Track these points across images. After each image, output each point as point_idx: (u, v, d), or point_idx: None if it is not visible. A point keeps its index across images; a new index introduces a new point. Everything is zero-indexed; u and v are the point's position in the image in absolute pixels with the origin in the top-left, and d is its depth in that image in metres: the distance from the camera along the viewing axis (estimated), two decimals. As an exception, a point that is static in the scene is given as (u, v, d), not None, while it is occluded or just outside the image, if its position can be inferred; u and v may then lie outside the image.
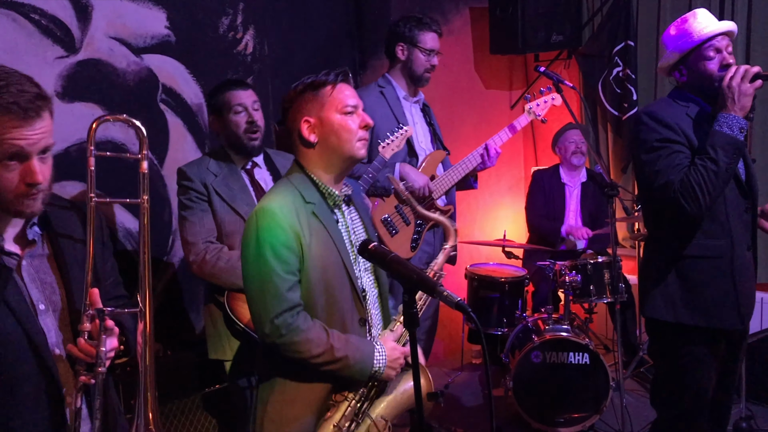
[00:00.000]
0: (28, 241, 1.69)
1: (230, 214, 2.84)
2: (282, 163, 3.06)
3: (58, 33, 3.15)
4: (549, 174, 4.87)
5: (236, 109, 2.88)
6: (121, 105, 3.35)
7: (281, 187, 2.07)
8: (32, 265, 1.69)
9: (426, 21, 3.45)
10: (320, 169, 2.08)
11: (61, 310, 1.70)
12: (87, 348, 1.60)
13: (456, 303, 1.64)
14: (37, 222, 1.71)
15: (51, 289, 1.70)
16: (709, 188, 2.47)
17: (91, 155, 1.66)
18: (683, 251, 2.62)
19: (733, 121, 2.48)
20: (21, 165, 1.58)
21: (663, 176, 2.53)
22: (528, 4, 4.82)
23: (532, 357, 3.82)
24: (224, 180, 2.87)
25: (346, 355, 2.00)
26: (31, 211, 1.63)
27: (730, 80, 2.48)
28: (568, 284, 4.02)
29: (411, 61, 3.47)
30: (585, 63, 5.15)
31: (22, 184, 1.58)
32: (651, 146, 2.57)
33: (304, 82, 2.06)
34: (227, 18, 3.82)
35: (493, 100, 5.44)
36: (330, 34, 4.47)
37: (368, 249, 1.75)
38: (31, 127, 1.56)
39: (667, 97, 2.72)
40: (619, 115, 4.95)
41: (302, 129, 2.05)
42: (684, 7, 4.58)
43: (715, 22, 2.59)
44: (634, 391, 4.32)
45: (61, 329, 1.69)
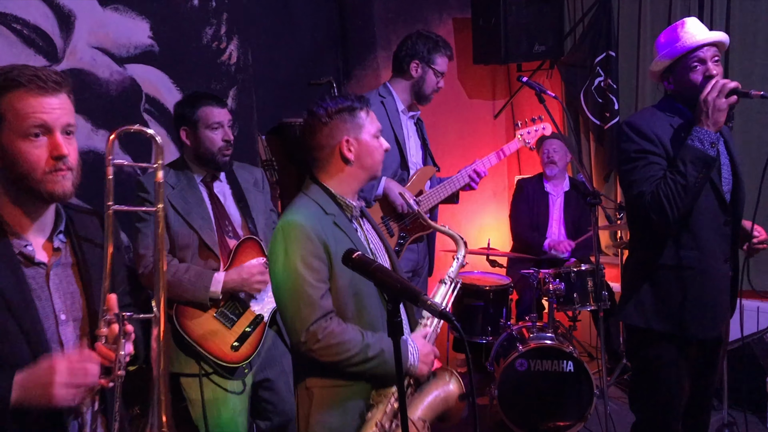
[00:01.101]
0: (54, 249, 1.72)
1: (184, 227, 2.79)
2: (244, 176, 3.03)
3: (41, 43, 3.14)
4: (533, 183, 4.90)
5: (213, 125, 2.86)
6: (104, 115, 3.33)
7: (300, 202, 2.17)
8: (57, 275, 1.71)
9: (441, 44, 3.51)
10: (345, 184, 2.20)
11: (81, 319, 1.72)
12: (106, 352, 1.61)
13: (440, 312, 1.64)
14: (63, 229, 1.74)
15: (72, 298, 1.72)
16: (677, 202, 2.51)
17: (109, 165, 1.70)
18: (656, 260, 2.67)
19: (705, 135, 2.51)
20: (47, 140, 1.62)
21: (636, 187, 2.59)
22: (510, 15, 4.86)
23: (517, 365, 3.83)
24: (181, 192, 2.83)
25: (382, 350, 2.06)
26: (63, 191, 1.64)
27: (707, 95, 2.51)
28: (552, 292, 4.05)
29: (423, 81, 3.50)
30: (567, 73, 5.20)
31: (50, 159, 1.62)
32: (629, 157, 2.62)
33: (343, 104, 2.18)
34: (211, 28, 3.82)
35: (477, 110, 5.48)
36: (314, 44, 4.48)
37: (352, 258, 1.76)
38: (51, 100, 1.62)
39: (653, 107, 2.75)
40: (600, 124, 5.00)
41: (343, 147, 2.16)
42: (664, 18, 4.65)
43: (703, 32, 2.61)
44: (618, 398, 4.34)
45: (80, 339, 1.71)
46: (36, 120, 1.61)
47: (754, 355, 4.00)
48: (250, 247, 2.89)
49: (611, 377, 4.49)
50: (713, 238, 2.64)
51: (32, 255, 1.67)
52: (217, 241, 2.84)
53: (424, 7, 5.06)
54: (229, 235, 2.89)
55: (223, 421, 2.85)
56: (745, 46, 4.38)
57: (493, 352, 4.12)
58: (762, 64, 4.38)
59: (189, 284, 2.74)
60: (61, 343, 1.67)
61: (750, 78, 4.38)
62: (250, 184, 3.03)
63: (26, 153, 1.61)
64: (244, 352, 2.82)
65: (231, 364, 2.80)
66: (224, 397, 2.84)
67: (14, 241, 1.66)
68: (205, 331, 2.78)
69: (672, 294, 2.65)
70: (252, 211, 2.97)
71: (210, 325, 2.79)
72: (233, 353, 2.80)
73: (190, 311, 2.78)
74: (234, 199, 2.96)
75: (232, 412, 2.87)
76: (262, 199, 3.05)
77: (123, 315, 1.63)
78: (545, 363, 3.82)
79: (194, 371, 2.82)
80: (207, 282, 2.75)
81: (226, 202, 2.94)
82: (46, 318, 1.65)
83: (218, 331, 2.80)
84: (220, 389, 2.84)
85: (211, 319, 2.80)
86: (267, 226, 3.01)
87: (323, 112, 2.17)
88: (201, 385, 2.82)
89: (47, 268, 1.69)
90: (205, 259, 2.82)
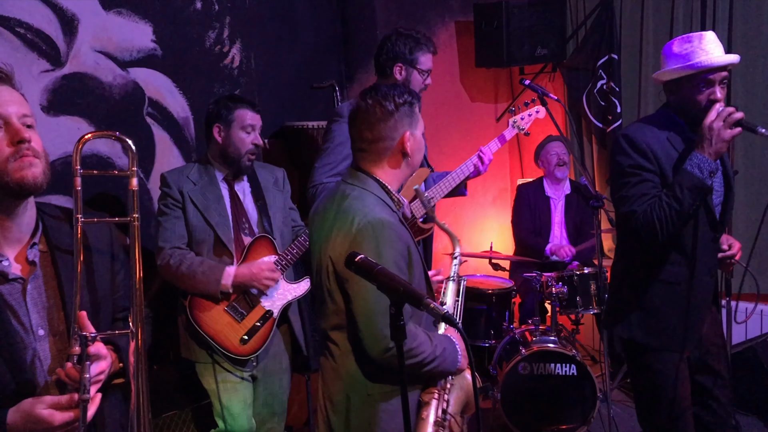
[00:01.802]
0: (29, 263, 1.63)
1: (202, 223, 2.91)
2: (263, 175, 3.12)
3: (44, 47, 3.14)
4: (533, 187, 4.89)
5: (248, 128, 2.96)
6: (107, 119, 3.34)
7: (371, 199, 2.06)
8: (36, 288, 1.63)
9: (423, 41, 3.38)
10: (396, 179, 2.14)
11: (60, 333, 1.64)
12: (72, 373, 1.52)
13: (443, 315, 1.63)
14: (38, 240, 1.65)
15: (50, 312, 1.64)
16: (669, 226, 2.51)
17: (77, 175, 1.56)
18: (644, 274, 2.68)
19: (705, 163, 2.48)
20: (3, 132, 1.55)
21: (628, 204, 2.57)
22: (513, 18, 4.86)
23: (520, 369, 3.82)
24: (202, 189, 2.93)
25: (445, 349, 2.07)
26: (33, 177, 1.55)
27: (712, 122, 2.46)
28: (555, 296, 4.04)
29: (408, 82, 3.39)
30: (569, 76, 5.20)
31: (10, 146, 1.54)
32: (623, 171, 2.60)
33: (409, 95, 2.09)
34: (214, 32, 3.82)
35: (479, 113, 5.47)
36: (317, 48, 4.49)
37: (355, 261, 1.75)
38: (2, 91, 1.56)
39: (651, 119, 2.71)
40: (603, 127, 4.99)
41: (406, 141, 2.09)
42: (666, 21, 4.64)
43: (718, 51, 2.53)
44: (622, 401, 4.33)
45: (60, 353, 1.63)
46: None
47: (759, 358, 3.99)
48: (263, 244, 2.98)
49: (614, 381, 4.48)
50: (701, 254, 2.65)
51: (7, 271, 1.59)
52: (232, 238, 2.94)
53: (427, 11, 5.06)
54: (245, 232, 2.99)
55: (235, 412, 2.96)
56: (748, 51, 4.37)
57: (496, 356, 4.11)
58: (763, 69, 4.37)
59: (202, 276, 2.84)
60: (40, 359, 1.60)
61: (753, 81, 4.37)
62: (270, 183, 3.12)
63: None
64: (252, 346, 2.93)
65: (239, 356, 2.92)
66: (235, 388, 2.96)
67: None
68: (216, 323, 2.90)
69: (657, 308, 2.65)
70: (270, 209, 3.05)
71: (221, 318, 2.91)
72: (242, 346, 2.91)
73: (203, 303, 2.90)
74: (252, 198, 3.05)
75: (243, 403, 2.99)
76: (281, 197, 3.14)
77: (87, 336, 1.51)
78: (548, 366, 3.81)
79: (207, 360, 2.95)
80: (218, 275, 2.85)
81: (245, 200, 3.03)
82: (24, 335, 1.58)
83: (228, 324, 2.91)
84: (231, 378, 2.95)
85: (222, 312, 2.91)
86: (285, 224, 3.10)
87: (390, 102, 2.07)
88: (215, 374, 2.94)
89: (24, 283, 1.61)
90: (220, 255, 2.93)
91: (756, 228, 4.34)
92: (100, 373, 1.57)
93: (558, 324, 4.09)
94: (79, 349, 1.53)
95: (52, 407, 1.50)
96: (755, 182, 4.40)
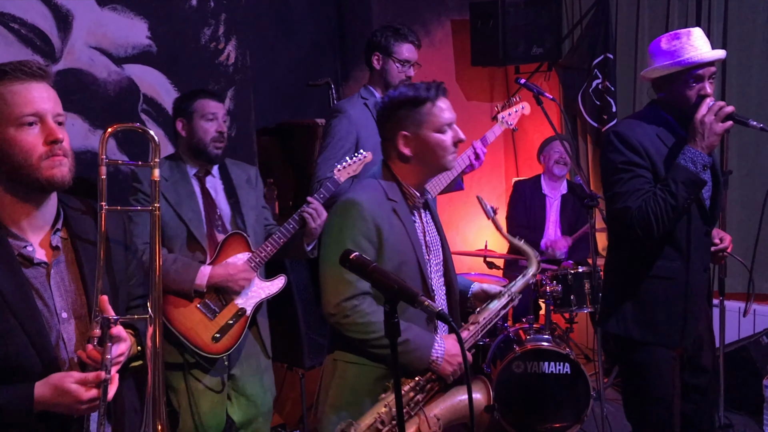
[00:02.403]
0: (53, 248, 1.71)
1: (174, 219, 2.87)
2: (236, 173, 3.08)
3: (38, 42, 3.13)
4: (530, 185, 4.90)
5: (208, 116, 2.94)
6: (102, 115, 3.32)
7: (366, 183, 2.21)
8: (59, 273, 1.71)
9: (403, 32, 3.40)
10: (409, 176, 2.19)
11: (81, 317, 1.72)
12: (94, 354, 1.61)
13: (437, 313, 1.65)
14: (60, 227, 1.73)
15: (74, 296, 1.72)
16: (664, 220, 2.51)
17: (102, 164, 1.68)
18: (639, 270, 2.68)
19: (698, 157, 2.49)
20: (39, 128, 1.62)
21: (622, 200, 2.57)
22: (509, 17, 4.87)
23: (514, 367, 3.83)
24: (173, 185, 2.91)
25: (407, 339, 2.08)
26: (61, 176, 1.64)
27: (703, 116, 2.48)
28: (549, 294, 4.05)
29: (386, 72, 3.40)
30: (565, 75, 5.21)
31: (44, 145, 1.62)
32: (615, 168, 2.60)
33: (405, 96, 2.13)
34: (209, 28, 3.81)
35: (474, 112, 5.48)
36: (312, 45, 4.48)
37: (349, 259, 1.76)
38: (40, 88, 1.64)
39: (639, 116, 2.72)
40: (598, 126, 5.00)
41: (398, 143, 2.14)
42: (662, 21, 4.65)
43: (706, 47, 2.56)
44: (615, 400, 4.34)
45: (83, 335, 1.70)
46: (29, 108, 1.61)
47: (751, 357, 4.01)
48: (236, 241, 2.95)
49: (608, 379, 4.50)
50: (695, 248, 2.66)
51: (32, 256, 1.66)
52: (205, 234, 2.91)
53: (423, 9, 5.07)
54: (218, 229, 2.96)
55: (202, 411, 2.92)
56: (743, 50, 4.39)
57: (490, 354, 4.12)
58: (759, 69, 4.38)
59: (175, 275, 2.80)
60: (65, 342, 1.68)
61: (747, 80, 4.38)
62: (243, 181, 3.09)
63: (21, 141, 1.61)
64: (224, 344, 2.88)
65: (211, 354, 2.86)
66: (203, 389, 2.92)
67: (13, 243, 1.65)
68: (187, 320, 2.85)
69: (654, 304, 2.66)
70: (242, 207, 3.02)
71: (193, 316, 2.86)
72: (214, 344, 2.86)
73: (174, 301, 2.84)
74: (225, 195, 3.03)
75: (210, 404, 2.94)
76: (254, 195, 3.11)
77: (109, 318, 1.62)
78: (542, 365, 3.82)
79: (177, 361, 2.88)
80: (193, 275, 2.81)
81: (217, 197, 3.00)
82: (49, 317, 1.66)
83: (200, 322, 2.86)
84: (199, 381, 2.91)
85: (194, 309, 2.87)
86: (258, 223, 3.07)
87: (389, 102, 2.16)
88: (184, 376, 2.88)
89: (48, 267, 1.69)
90: (193, 251, 2.89)
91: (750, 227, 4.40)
92: (120, 355, 1.65)
93: (552, 322, 4.11)
94: (100, 332, 1.62)
95: (80, 383, 1.58)
96: (749, 182, 4.42)
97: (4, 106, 1.60)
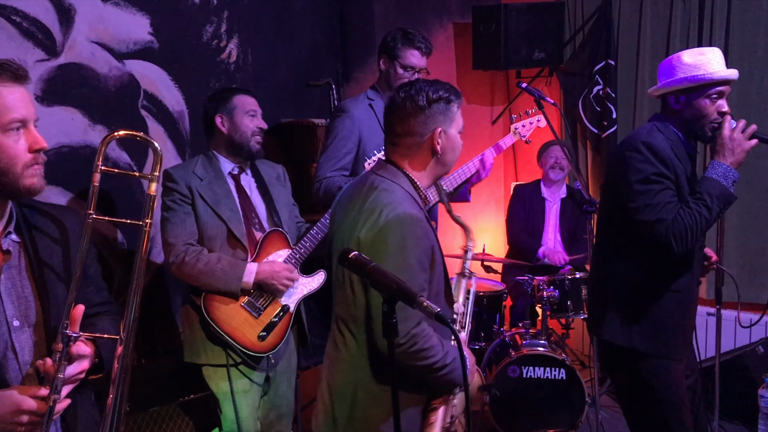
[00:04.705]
0: (3, 252, 1.61)
1: (213, 218, 2.84)
2: (266, 170, 3.08)
3: (40, 36, 3.12)
4: (530, 189, 4.90)
5: (250, 112, 2.94)
6: (102, 110, 3.32)
7: (401, 193, 2.04)
8: (10, 278, 1.61)
9: (411, 37, 3.36)
10: (426, 176, 2.12)
11: (35, 324, 1.61)
12: (51, 370, 1.51)
13: (435, 314, 1.63)
14: (13, 229, 1.63)
15: (26, 303, 1.62)
16: (697, 233, 2.52)
17: (97, 171, 1.59)
18: (648, 281, 2.66)
19: (729, 172, 2.53)
20: (23, 134, 1.57)
21: (655, 213, 2.53)
22: (511, 21, 4.87)
23: (509, 372, 3.83)
24: (209, 184, 2.88)
25: (455, 358, 2.02)
26: (40, 185, 1.60)
27: (732, 132, 2.52)
28: (546, 299, 4.04)
29: (390, 75, 3.38)
30: (566, 81, 5.21)
31: (28, 152, 1.57)
32: (646, 178, 2.56)
33: (442, 93, 2.07)
34: (211, 26, 3.81)
35: (475, 115, 5.47)
36: (314, 46, 4.48)
37: (349, 258, 1.75)
38: (23, 91, 1.58)
39: (657, 126, 2.67)
40: (598, 132, 5.00)
41: (436, 137, 2.07)
42: (664, 28, 4.66)
43: (724, 66, 2.59)
44: (610, 407, 4.34)
45: (36, 344, 1.60)
46: (16, 114, 1.55)
47: (747, 367, 4.00)
48: (276, 238, 2.95)
49: (603, 386, 4.49)
50: (696, 262, 2.69)
51: None
52: (245, 232, 2.89)
53: (425, 11, 5.06)
54: (256, 227, 2.95)
55: (244, 415, 2.89)
56: (744, 60, 4.39)
57: (486, 358, 4.11)
58: (760, 76, 4.39)
59: (222, 274, 2.78)
60: (15, 352, 1.58)
61: (748, 91, 4.39)
62: (273, 178, 3.09)
63: (8, 148, 1.54)
64: (270, 342, 2.88)
65: (258, 353, 2.85)
66: (246, 391, 2.90)
67: None
68: (233, 320, 2.83)
69: (662, 316, 2.64)
70: (276, 204, 3.02)
71: (238, 315, 2.84)
72: (260, 343, 2.86)
73: (219, 300, 2.82)
74: (259, 192, 3.01)
75: (252, 407, 2.93)
76: (285, 192, 3.11)
77: (71, 335, 1.51)
78: (537, 370, 3.82)
79: (221, 361, 2.86)
80: (240, 272, 2.80)
81: (252, 195, 2.99)
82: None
83: (246, 321, 2.85)
84: (244, 381, 2.89)
85: (239, 308, 2.85)
86: (290, 219, 3.08)
87: (423, 97, 2.05)
88: (230, 377, 2.85)
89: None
90: (233, 249, 2.87)
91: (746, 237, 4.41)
92: (79, 373, 1.55)
93: (548, 328, 4.10)
94: (61, 347, 1.51)
95: (25, 393, 1.50)
96: (748, 190, 4.42)
97: None
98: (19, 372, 1.58)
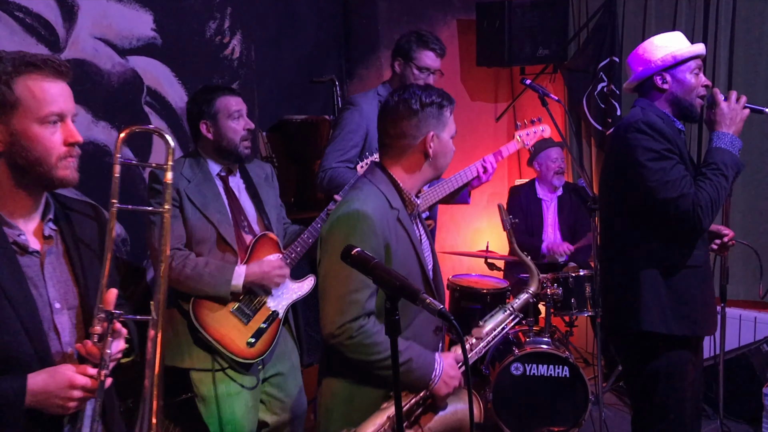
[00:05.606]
0: (46, 237, 1.70)
1: (202, 221, 2.76)
2: (255, 171, 3.00)
3: (43, 32, 3.12)
4: (525, 189, 4.88)
5: (234, 115, 2.81)
6: (105, 106, 3.32)
7: (368, 189, 2.08)
8: (51, 263, 1.70)
9: (426, 39, 3.37)
10: (414, 179, 2.13)
11: (75, 307, 1.71)
12: (93, 350, 1.60)
13: (438, 311, 1.63)
14: (52, 217, 1.72)
15: (66, 287, 1.71)
16: (719, 203, 2.52)
17: (116, 163, 1.67)
18: (674, 261, 2.63)
19: (735, 141, 2.55)
20: (60, 127, 1.63)
21: (676, 188, 2.50)
22: (515, 18, 4.85)
23: (512, 369, 3.82)
24: (197, 186, 2.78)
25: (410, 359, 2.03)
26: (73, 178, 1.66)
27: (729, 102, 2.56)
28: (550, 297, 4.03)
29: (404, 77, 3.37)
30: (570, 77, 5.19)
31: (63, 145, 1.63)
32: (659, 155, 2.53)
33: (434, 98, 2.09)
34: (214, 22, 3.80)
35: (479, 112, 5.46)
36: (317, 42, 4.47)
37: (351, 255, 1.74)
38: (64, 86, 1.64)
39: (648, 105, 2.68)
40: (603, 129, 4.98)
41: (428, 141, 2.08)
42: (669, 24, 4.63)
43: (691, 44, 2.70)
44: (614, 404, 4.33)
45: (76, 327, 1.69)
46: (55, 107, 1.61)
47: (751, 365, 3.99)
48: (267, 243, 2.88)
49: (607, 383, 4.48)
50: (707, 235, 2.71)
51: (26, 244, 1.65)
52: (234, 236, 2.81)
53: (429, 8, 5.05)
54: (245, 230, 2.86)
55: (237, 417, 2.83)
56: (749, 53, 4.37)
57: (489, 356, 4.11)
58: (765, 73, 4.37)
59: (210, 278, 2.71)
60: (57, 332, 1.66)
61: (754, 85, 4.36)
62: (262, 179, 3.01)
63: (43, 139, 1.61)
64: (259, 348, 2.81)
65: (246, 360, 2.79)
66: (238, 393, 2.84)
67: (7, 231, 1.64)
68: (222, 326, 2.76)
69: (691, 294, 2.63)
70: (265, 206, 2.95)
71: (227, 321, 2.77)
72: (249, 349, 2.78)
73: (208, 306, 2.76)
74: (248, 194, 2.93)
75: (245, 408, 2.86)
76: (273, 194, 3.04)
77: (113, 313, 1.61)
78: (541, 368, 3.81)
79: (207, 366, 2.80)
80: (229, 275, 2.73)
81: (241, 197, 2.91)
82: (42, 307, 1.64)
83: (235, 327, 2.78)
84: (233, 384, 2.83)
85: (228, 314, 2.78)
86: (278, 222, 3.00)
87: (416, 101, 2.07)
88: (215, 381, 2.80)
89: (41, 257, 1.68)
90: (223, 253, 2.80)
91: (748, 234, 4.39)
92: (117, 352, 1.64)
93: (552, 325, 4.09)
94: (100, 329, 1.61)
95: (78, 371, 1.58)
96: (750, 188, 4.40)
97: (32, 100, 1.59)
98: (61, 351, 1.66)
